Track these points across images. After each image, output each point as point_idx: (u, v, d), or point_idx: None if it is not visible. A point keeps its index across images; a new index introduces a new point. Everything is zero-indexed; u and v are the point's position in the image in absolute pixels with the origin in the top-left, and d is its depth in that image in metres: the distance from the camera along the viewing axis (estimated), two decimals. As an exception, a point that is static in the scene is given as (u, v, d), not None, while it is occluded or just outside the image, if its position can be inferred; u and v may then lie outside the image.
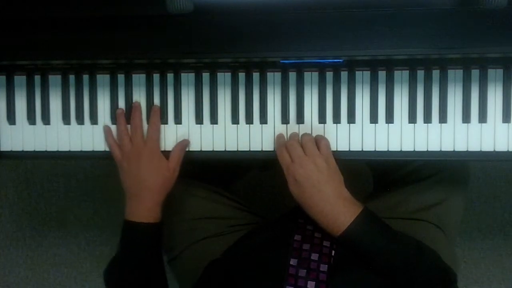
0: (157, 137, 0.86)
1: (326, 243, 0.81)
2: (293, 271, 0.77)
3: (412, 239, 0.85)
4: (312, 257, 0.79)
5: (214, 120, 0.87)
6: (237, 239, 0.96)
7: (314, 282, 0.76)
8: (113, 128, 0.89)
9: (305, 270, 0.77)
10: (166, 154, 0.87)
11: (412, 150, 0.84)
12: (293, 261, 0.79)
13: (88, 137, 0.90)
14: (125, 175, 0.86)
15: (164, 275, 0.90)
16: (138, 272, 0.86)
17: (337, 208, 0.78)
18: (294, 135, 0.85)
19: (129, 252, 0.86)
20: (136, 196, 0.85)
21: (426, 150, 0.84)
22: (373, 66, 0.84)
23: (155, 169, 0.85)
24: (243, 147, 0.88)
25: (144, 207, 0.85)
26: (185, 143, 0.88)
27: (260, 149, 0.87)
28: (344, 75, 0.85)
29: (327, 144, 0.83)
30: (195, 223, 0.99)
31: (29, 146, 0.91)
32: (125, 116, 0.88)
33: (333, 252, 0.80)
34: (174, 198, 1.00)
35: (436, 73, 0.83)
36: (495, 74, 0.83)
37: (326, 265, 0.78)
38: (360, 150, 0.85)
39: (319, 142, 0.82)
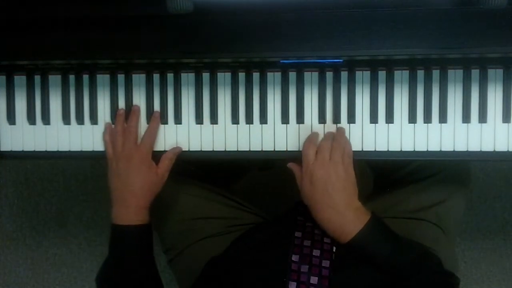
0: (151, 142, 0.86)
1: (326, 240, 0.82)
2: (295, 267, 0.78)
3: (416, 245, 0.85)
4: (313, 253, 0.80)
5: (214, 120, 0.87)
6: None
7: (317, 278, 0.76)
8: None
9: (307, 266, 0.78)
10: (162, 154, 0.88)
11: (412, 150, 0.84)
12: (295, 257, 0.79)
13: (88, 137, 0.90)
14: (113, 175, 0.86)
15: (158, 276, 0.89)
16: (131, 275, 0.85)
17: (345, 218, 0.78)
18: (328, 136, 0.83)
19: (120, 256, 0.86)
20: (122, 200, 0.85)
21: (426, 150, 0.84)
22: (373, 66, 0.84)
23: (143, 174, 0.85)
24: (243, 147, 0.87)
25: (130, 211, 0.84)
26: (177, 150, 0.87)
27: (260, 149, 0.87)
28: (344, 75, 0.85)
29: (350, 154, 0.82)
30: (195, 223, 0.99)
31: (29, 146, 0.91)
32: (124, 117, 0.88)
33: (334, 248, 0.81)
34: (174, 198, 1.00)
35: (436, 73, 0.83)
36: (495, 74, 0.83)
37: (328, 261, 0.78)
38: (360, 150, 0.85)
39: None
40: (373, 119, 0.85)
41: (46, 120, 0.90)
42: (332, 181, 0.78)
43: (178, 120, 0.88)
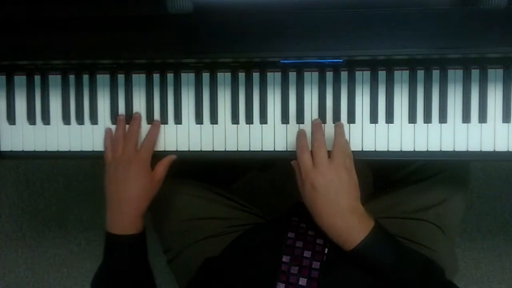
0: (151, 148, 0.86)
1: (319, 241, 0.81)
2: (285, 268, 0.78)
3: (420, 255, 0.84)
4: (304, 255, 0.79)
5: (214, 120, 0.87)
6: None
7: (306, 279, 0.76)
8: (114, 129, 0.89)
9: (297, 267, 0.78)
10: (165, 154, 0.88)
11: (412, 150, 0.84)
12: (285, 258, 0.79)
13: (88, 137, 0.90)
14: (110, 180, 0.85)
15: (153, 281, 0.90)
16: (124, 282, 0.86)
17: (350, 223, 0.76)
18: (319, 137, 0.79)
19: (113, 264, 0.86)
20: (117, 208, 0.84)
21: (426, 150, 0.84)
22: (373, 66, 0.84)
23: (141, 179, 0.84)
24: (243, 147, 0.87)
25: (125, 220, 0.84)
26: (172, 158, 0.88)
27: (260, 149, 0.87)
28: (344, 75, 0.85)
29: (351, 156, 0.80)
30: (195, 223, 0.99)
31: (29, 146, 0.91)
32: (125, 123, 0.88)
33: (326, 250, 0.80)
34: (174, 198, 1.00)
35: (436, 73, 0.83)
36: (495, 74, 0.83)
37: (319, 263, 0.78)
38: (360, 150, 0.85)
39: None
40: (373, 119, 0.85)
41: (46, 120, 0.90)
42: (336, 186, 0.76)
43: (178, 120, 0.88)
